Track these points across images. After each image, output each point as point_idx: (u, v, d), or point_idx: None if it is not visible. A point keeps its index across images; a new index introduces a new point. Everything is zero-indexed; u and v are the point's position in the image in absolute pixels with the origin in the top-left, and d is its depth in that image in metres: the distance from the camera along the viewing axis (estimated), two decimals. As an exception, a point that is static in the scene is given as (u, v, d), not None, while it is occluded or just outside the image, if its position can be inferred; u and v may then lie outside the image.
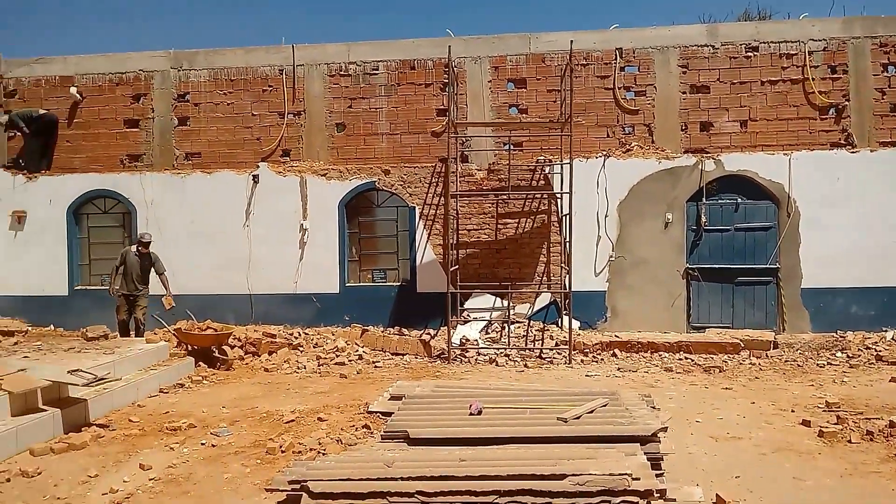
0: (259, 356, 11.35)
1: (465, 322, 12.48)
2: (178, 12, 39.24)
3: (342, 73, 13.61)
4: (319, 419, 7.65)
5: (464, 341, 11.82)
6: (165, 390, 9.28)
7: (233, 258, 13.43)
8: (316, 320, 13.16)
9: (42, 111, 13.94)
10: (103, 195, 13.87)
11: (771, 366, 10.51)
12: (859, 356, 10.76)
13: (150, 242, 11.69)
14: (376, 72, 13.52)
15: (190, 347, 10.76)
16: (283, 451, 6.52)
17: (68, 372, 7.89)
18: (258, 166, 13.54)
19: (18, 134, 13.98)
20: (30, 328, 13.20)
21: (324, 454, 6.36)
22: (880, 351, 10.85)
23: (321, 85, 13.66)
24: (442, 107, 13.26)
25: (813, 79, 12.47)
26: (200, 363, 10.55)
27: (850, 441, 6.59)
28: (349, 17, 39.44)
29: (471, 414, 6.97)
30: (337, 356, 11.27)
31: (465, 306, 12.71)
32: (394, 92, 13.49)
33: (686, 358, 10.99)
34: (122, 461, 6.39)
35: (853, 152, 12.19)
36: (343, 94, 13.62)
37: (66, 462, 6.38)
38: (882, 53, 12.39)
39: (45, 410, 7.19)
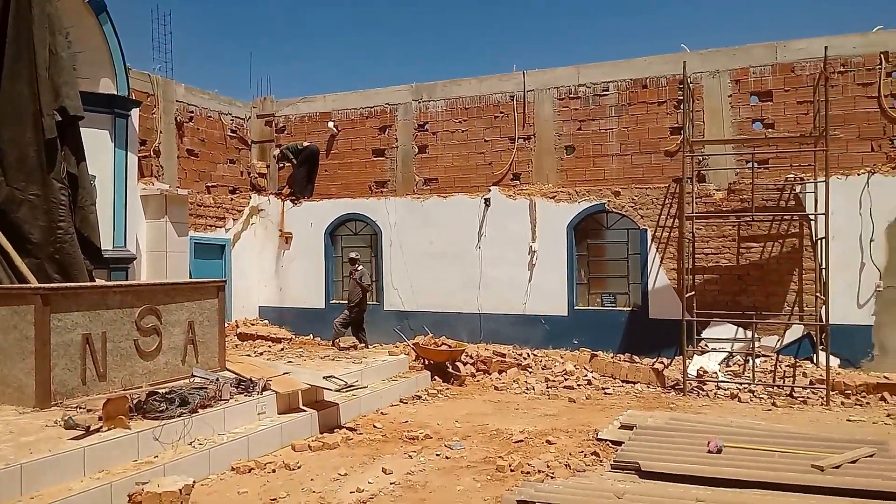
0: (489, 374, 11.69)
1: (703, 352, 11.73)
2: (418, 44, 42.18)
3: (572, 95, 13.64)
4: (548, 442, 7.66)
5: (701, 373, 11.11)
6: (405, 401, 9.93)
7: (465, 278, 14.05)
8: (544, 342, 13.23)
9: (306, 143, 15.81)
10: (354, 219, 15.34)
11: None
12: None
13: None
14: (606, 93, 13.36)
15: (427, 362, 11.41)
16: (511, 470, 6.62)
17: (324, 378, 8.79)
18: (490, 190, 14.05)
19: (288, 164, 15.99)
20: (293, 336, 14.91)
21: (552, 477, 6.35)
22: None
23: (550, 108, 13.81)
24: (676, 125, 12.71)
25: None
26: (435, 377, 11.14)
27: None
28: (576, 40, 39.46)
29: (709, 452, 6.56)
30: (565, 380, 11.22)
31: (703, 336, 11.94)
32: (624, 112, 13.22)
33: (982, 409, 9.26)
34: (368, 464, 6.93)
35: None
36: (572, 116, 13.63)
37: (320, 459, 7.08)
38: None
39: (305, 411, 8.06)
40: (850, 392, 10.05)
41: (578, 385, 11.06)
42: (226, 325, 9.77)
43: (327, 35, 44.07)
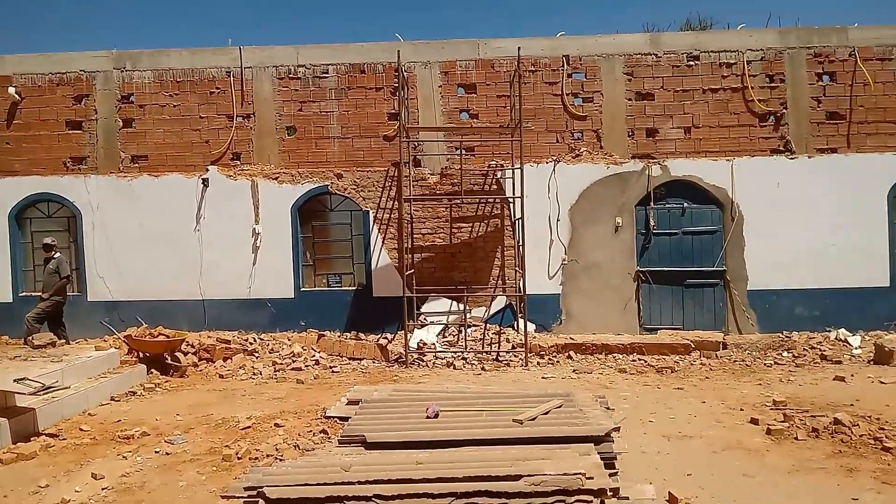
0: (213, 363, 11.21)
1: (422, 326, 12.55)
2: (122, 14, 38.23)
3: (291, 75, 13.47)
4: (276, 425, 7.62)
5: (421, 345, 11.88)
6: (117, 398, 9.11)
7: (184, 263, 13.22)
8: (271, 325, 13.04)
9: (-21, 112, 13.47)
10: (47, 199, 13.49)
11: (721, 366, 10.85)
12: (804, 356, 11.18)
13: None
14: (326, 75, 13.43)
15: (141, 354, 10.56)
16: (239, 458, 6.48)
17: (14, 381, 7.67)
18: (207, 170, 13.35)
19: (-45, 136, 13.49)
20: (-29, 337, 12.75)
21: (281, 460, 6.35)
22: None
23: (270, 87, 13.51)
24: (393, 111, 13.27)
25: (752, 87, 12.93)
26: (153, 370, 10.38)
27: (796, 438, 6.87)
28: (297, 20, 39.00)
29: (427, 417, 7.04)
30: (293, 361, 11.21)
31: (422, 310, 12.77)
32: (344, 96, 13.42)
33: (639, 359, 11.27)
34: (74, 471, 6.27)
35: (792, 158, 12.72)
36: (293, 97, 13.48)
37: (15, 472, 6.23)
38: (816, 63, 12.91)
39: (-9, 422, 6.99)
40: (544, 353, 11.55)
41: (306, 366, 11.14)
42: None
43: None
